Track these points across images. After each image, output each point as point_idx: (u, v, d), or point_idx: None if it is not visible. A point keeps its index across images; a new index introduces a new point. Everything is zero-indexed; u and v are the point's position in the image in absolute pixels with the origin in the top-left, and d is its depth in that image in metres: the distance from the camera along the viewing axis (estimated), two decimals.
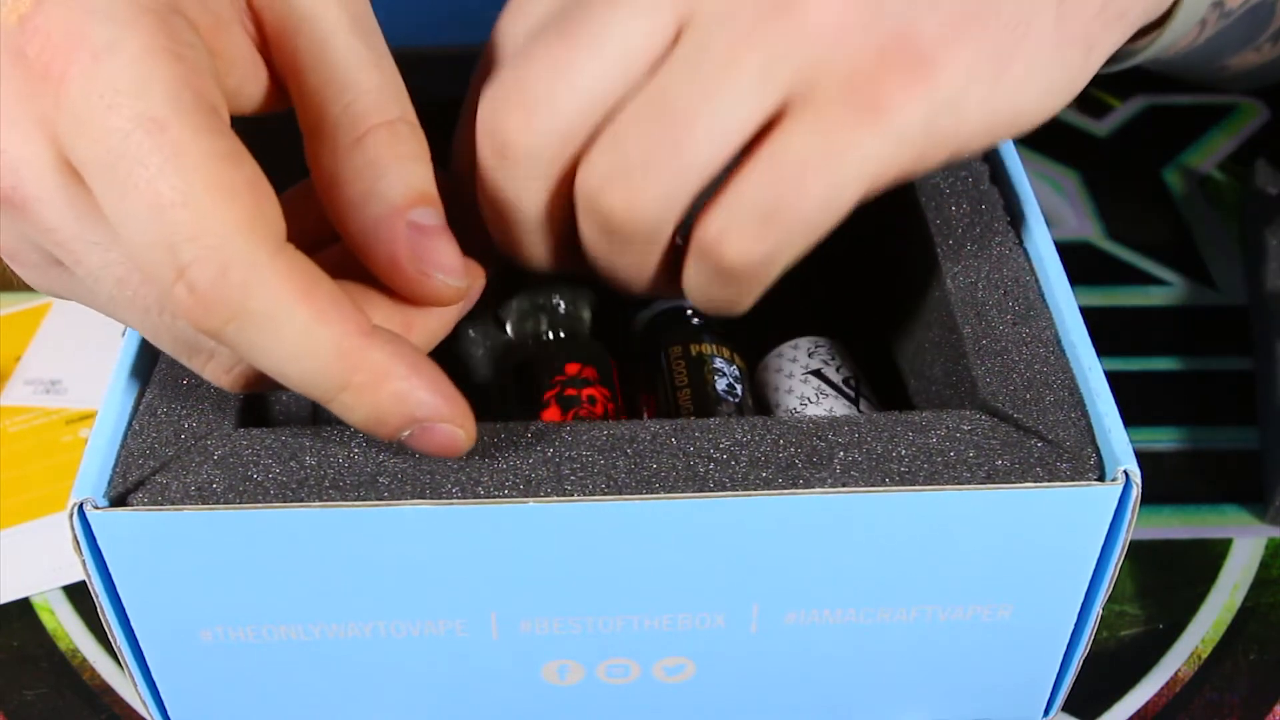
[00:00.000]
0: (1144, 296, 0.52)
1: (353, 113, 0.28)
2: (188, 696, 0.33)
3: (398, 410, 0.26)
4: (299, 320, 0.25)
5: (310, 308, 0.25)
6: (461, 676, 0.33)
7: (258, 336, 0.25)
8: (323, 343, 0.25)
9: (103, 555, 0.29)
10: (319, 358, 0.25)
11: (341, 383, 0.26)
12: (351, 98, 0.28)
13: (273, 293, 0.24)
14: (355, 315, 0.26)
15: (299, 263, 0.25)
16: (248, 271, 0.24)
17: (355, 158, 0.27)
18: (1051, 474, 0.29)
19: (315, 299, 0.25)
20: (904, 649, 0.33)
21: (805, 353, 0.40)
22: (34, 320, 0.50)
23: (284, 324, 0.25)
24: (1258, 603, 0.41)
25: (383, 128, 0.28)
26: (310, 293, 0.25)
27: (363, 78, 0.28)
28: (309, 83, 0.28)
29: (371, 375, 0.26)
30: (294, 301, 0.25)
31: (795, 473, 0.29)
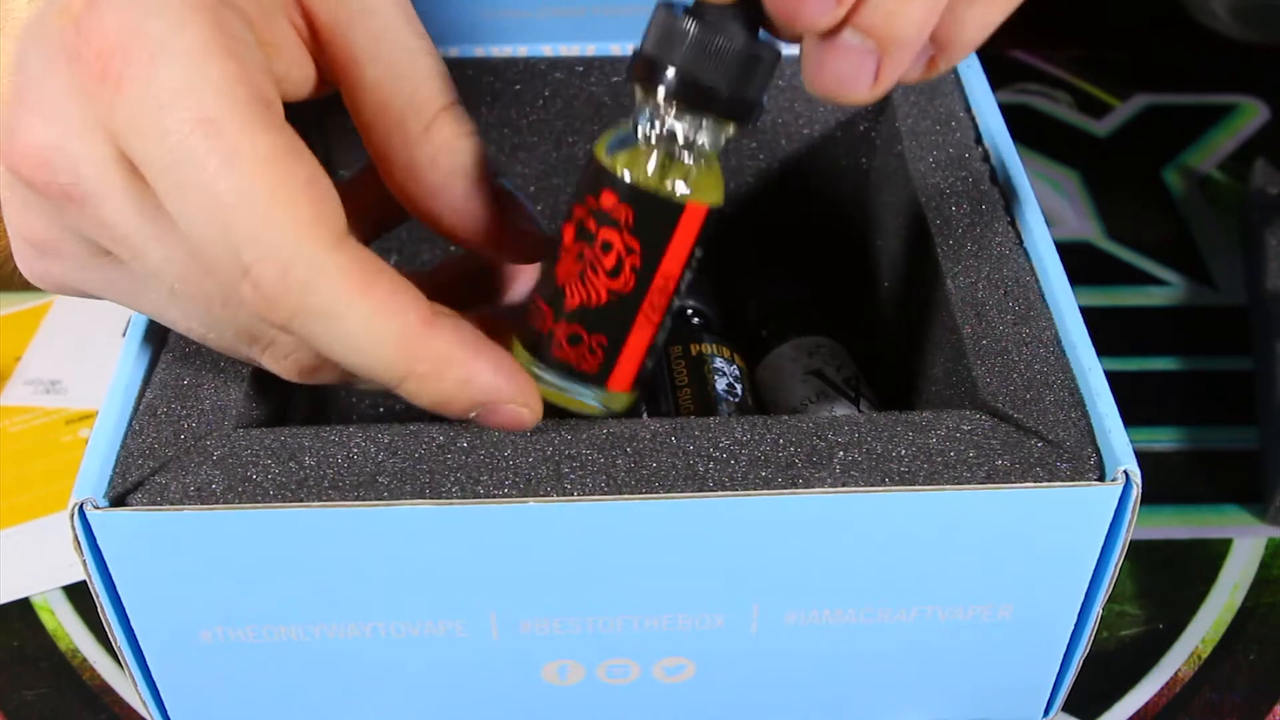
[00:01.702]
0: (1144, 296, 0.52)
1: (418, 101, 0.28)
2: (188, 696, 0.33)
3: (462, 395, 0.27)
4: (359, 314, 0.25)
5: (370, 301, 0.25)
6: (461, 677, 0.33)
7: (321, 331, 0.25)
8: (384, 335, 0.26)
9: (103, 555, 0.29)
10: (381, 350, 0.26)
11: (405, 372, 0.26)
12: (414, 87, 0.28)
13: (332, 290, 0.25)
14: (416, 305, 0.26)
15: (359, 257, 0.26)
16: (308, 270, 0.25)
17: (427, 144, 0.28)
18: (1051, 474, 0.29)
19: (374, 292, 0.25)
20: (904, 649, 0.33)
21: (805, 353, 0.41)
22: (34, 320, 0.50)
23: (345, 318, 0.25)
24: (1258, 603, 0.41)
25: (446, 111, 0.29)
26: (369, 286, 0.25)
27: (421, 67, 0.29)
28: (369, 75, 0.28)
29: (434, 364, 0.26)
30: (354, 297, 0.25)
31: (795, 473, 0.29)
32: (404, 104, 0.28)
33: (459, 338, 0.27)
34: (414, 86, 0.28)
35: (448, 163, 0.29)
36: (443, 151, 0.29)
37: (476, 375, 0.27)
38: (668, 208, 0.28)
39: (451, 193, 0.29)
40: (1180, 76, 0.63)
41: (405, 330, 0.26)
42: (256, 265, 0.25)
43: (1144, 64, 0.64)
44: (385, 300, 0.26)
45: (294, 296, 0.25)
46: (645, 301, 0.28)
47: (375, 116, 0.29)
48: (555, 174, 0.45)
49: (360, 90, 0.29)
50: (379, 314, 0.25)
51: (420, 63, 0.29)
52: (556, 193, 0.45)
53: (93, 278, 0.28)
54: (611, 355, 0.29)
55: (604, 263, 0.28)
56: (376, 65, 0.28)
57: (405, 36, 0.29)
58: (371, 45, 0.28)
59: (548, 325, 0.29)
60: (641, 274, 0.28)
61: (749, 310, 0.44)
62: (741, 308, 0.44)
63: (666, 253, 0.28)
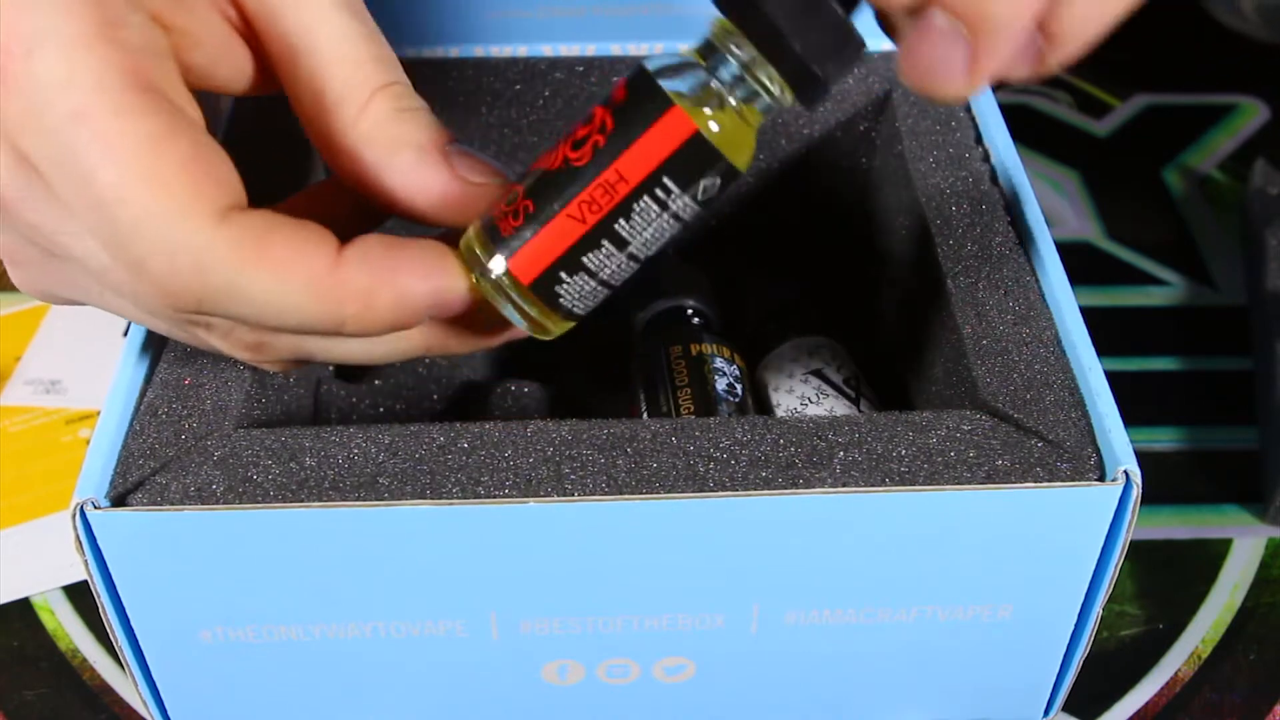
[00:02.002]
0: (1144, 296, 0.52)
1: (352, 85, 0.27)
2: (188, 696, 0.33)
3: (403, 317, 0.26)
4: (262, 280, 0.25)
5: (266, 264, 0.25)
6: (461, 677, 0.33)
7: (232, 307, 0.25)
8: (295, 291, 0.25)
9: (104, 555, 0.29)
10: (300, 305, 0.25)
11: (338, 317, 0.26)
12: (350, 71, 0.27)
13: (225, 265, 0.24)
14: (319, 250, 0.25)
15: (246, 223, 0.25)
16: (196, 253, 0.24)
17: (364, 122, 0.27)
18: (1051, 474, 0.29)
19: (269, 254, 0.25)
20: (904, 649, 0.33)
21: (805, 353, 0.41)
22: (34, 320, 0.50)
23: (248, 288, 0.25)
24: (1258, 603, 0.41)
25: (382, 90, 0.28)
26: (262, 250, 0.25)
27: (357, 51, 0.28)
28: (304, 65, 0.28)
29: (361, 298, 0.26)
30: (248, 265, 0.25)
31: (795, 473, 0.29)
32: (339, 90, 0.27)
33: (371, 264, 0.26)
34: (350, 70, 0.27)
35: (386, 136, 0.27)
36: (379, 127, 0.27)
37: (406, 289, 0.26)
38: (655, 98, 0.26)
39: (401, 164, 0.27)
40: (1180, 76, 0.63)
41: (314, 280, 0.25)
42: (148, 259, 0.24)
43: (1144, 64, 0.64)
44: (283, 258, 0.25)
45: (191, 281, 0.24)
46: (587, 189, 0.26)
47: (312, 108, 0.28)
48: None
49: (295, 83, 0.28)
50: (281, 273, 0.25)
51: (355, 48, 0.28)
52: None
53: (54, 280, 0.28)
54: (528, 227, 0.27)
55: (576, 134, 0.27)
56: (311, 56, 0.27)
57: (340, 24, 0.27)
58: (305, 36, 0.27)
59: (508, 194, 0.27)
60: (599, 154, 0.26)
61: (749, 310, 0.44)
62: (741, 308, 0.44)
63: (632, 145, 0.26)
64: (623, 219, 0.26)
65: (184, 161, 0.24)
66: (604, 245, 0.27)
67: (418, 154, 0.27)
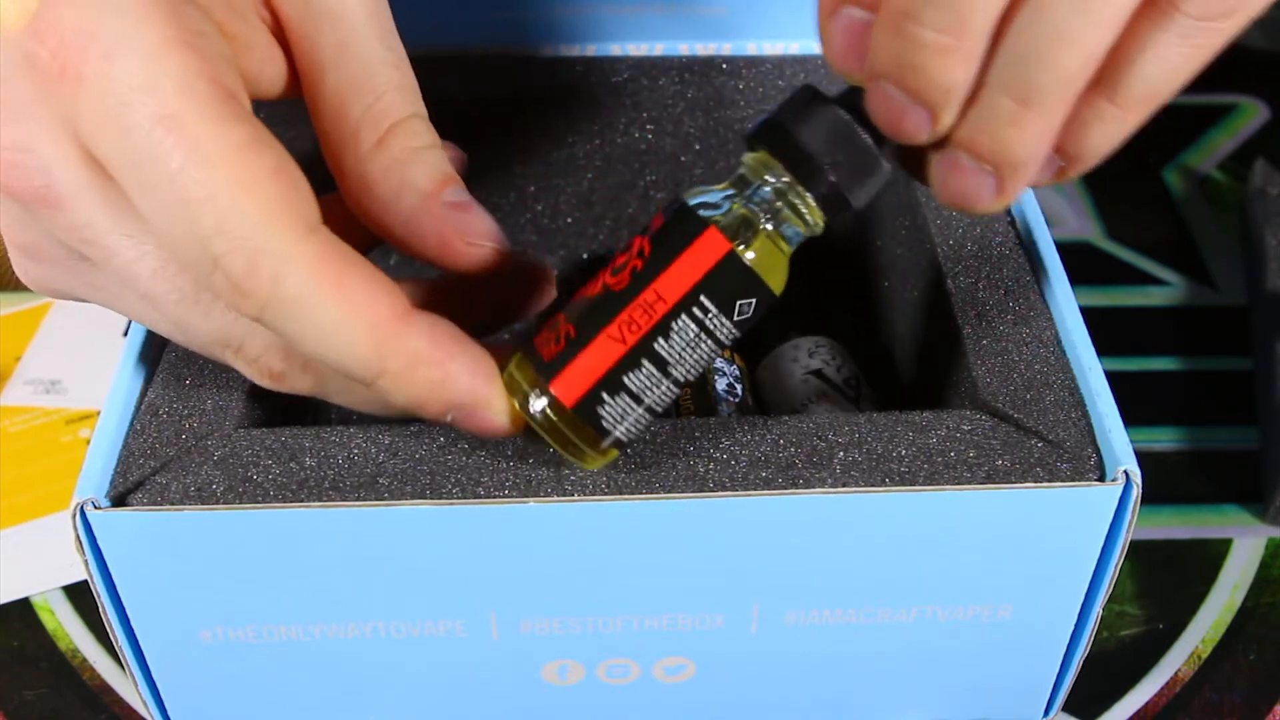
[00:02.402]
0: (1144, 296, 0.52)
1: (373, 114, 0.28)
2: (188, 696, 0.33)
3: (435, 396, 0.26)
4: (331, 305, 0.25)
5: (341, 293, 0.25)
6: (461, 677, 0.33)
7: (292, 323, 0.25)
8: (356, 327, 0.25)
9: (104, 555, 0.29)
10: (353, 342, 0.25)
11: (378, 369, 0.26)
12: (373, 99, 0.28)
13: (303, 279, 0.25)
14: (391, 300, 0.26)
15: (331, 247, 0.25)
16: (277, 260, 0.24)
17: (380, 157, 0.28)
18: (1051, 474, 0.29)
19: (346, 284, 0.25)
20: (904, 649, 0.33)
21: (805, 353, 0.41)
22: (34, 320, 0.50)
23: (316, 309, 0.25)
24: (1258, 603, 0.41)
25: (400, 125, 0.28)
26: (341, 278, 0.25)
27: (382, 79, 0.28)
28: (329, 81, 0.28)
29: (407, 361, 0.26)
30: (325, 287, 0.25)
31: (795, 473, 0.29)
32: (360, 115, 0.28)
33: (434, 336, 0.26)
34: (372, 98, 0.28)
35: (397, 178, 0.28)
36: (393, 166, 0.28)
37: (451, 376, 0.26)
38: (691, 221, 0.27)
39: (403, 207, 0.28)
40: None
41: (378, 324, 0.25)
42: (226, 257, 0.24)
43: None
44: (358, 292, 0.25)
45: (264, 286, 0.24)
46: (626, 310, 0.27)
47: (331, 125, 0.28)
48: (555, 174, 0.45)
49: (319, 96, 0.28)
50: (351, 306, 0.25)
51: (382, 75, 0.28)
52: (557, 192, 0.45)
53: (76, 281, 0.28)
54: (571, 350, 0.27)
55: (616, 261, 0.28)
56: (337, 73, 0.28)
57: (371, 46, 0.28)
58: (334, 52, 0.28)
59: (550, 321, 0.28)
60: (637, 277, 0.27)
61: None
62: None
63: (670, 266, 0.27)
64: (662, 338, 0.27)
65: (273, 171, 0.25)
66: (644, 365, 0.27)
67: (421, 201, 0.28)
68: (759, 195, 0.27)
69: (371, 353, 0.25)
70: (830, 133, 0.26)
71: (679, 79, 0.43)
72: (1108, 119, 0.26)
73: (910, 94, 0.24)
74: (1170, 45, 0.24)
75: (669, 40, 0.43)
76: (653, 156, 0.44)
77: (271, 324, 0.25)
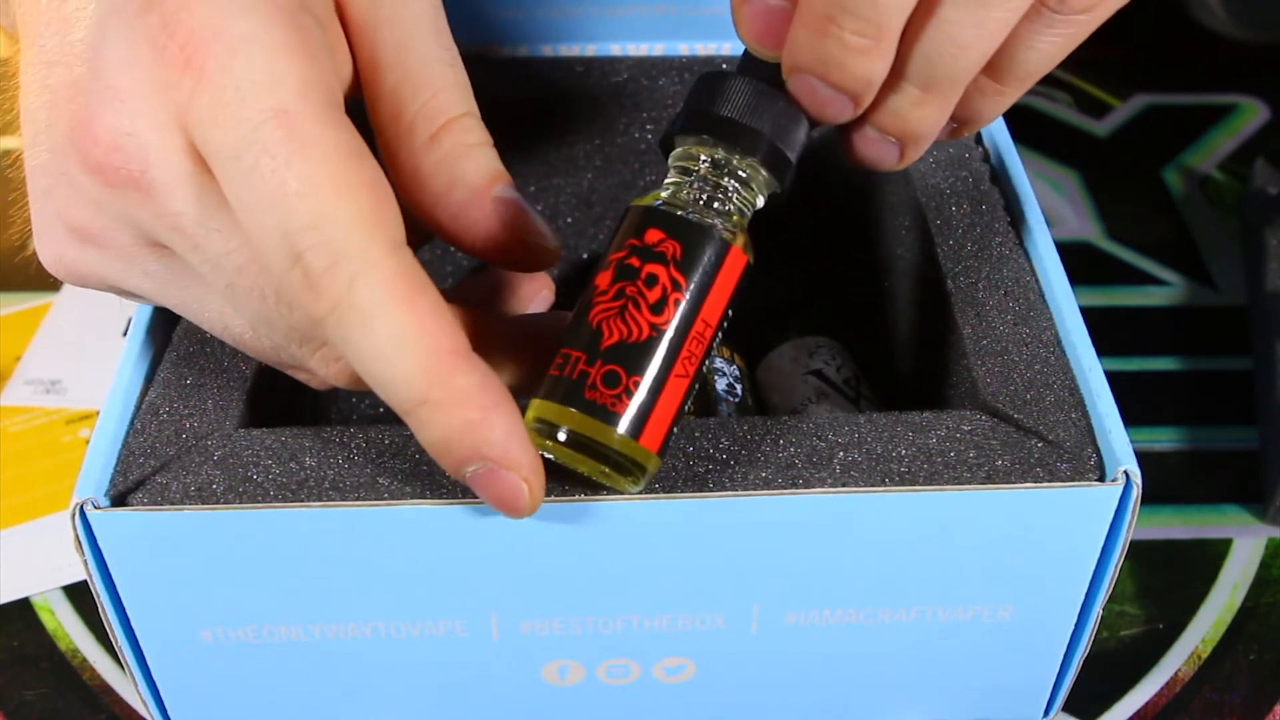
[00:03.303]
0: (1144, 296, 0.52)
1: (429, 111, 0.29)
2: (188, 696, 0.33)
3: (466, 441, 0.26)
4: (395, 322, 0.25)
5: (409, 312, 0.25)
6: (462, 677, 0.33)
7: (354, 330, 0.25)
8: (412, 350, 0.25)
9: (103, 555, 0.29)
10: (405, 364, 0.25)
11: (421, 395, 0.26)
12: (428, 96, 0.29)
13: (376, 290, 0.25)
14: (453, 334, 0.26)
15: (410, 268, 0.25)
16: (358, 265, 0.25)
17: (433, 152, 0.29)
18: (1051, 474, 0.29)
19: (416, 306, 0.25)
20: (904, 649, 0.33)
21: (805, 353, 0.41)
22: (34, 320, 0.50)
23: (380, 322, 0.25)
24: (1258, 603, 0.41)
25: (454, 122, 0.29)
26: (412, 299, 0.25)
27: (438, 77, 0.29)
28: (387, 80, 0.29)
29: (451, 396, 0.26)
30: (395, 303, 0.25)
31: (795, 473, 0.29)
32: (415, 111, 0.29)
33: (485, 382, 0.26)
34: (429, 95, 0.29)
35: (450, 172, 0.29)
36: (446, 160, 0.29)
37: (486, 425, 0.26)
38: (718, 244, 0.28)
39: (452, 201, 0.29)
40: (1180, 76, 0.63)
41: (435, 352, 0.25)
42: (309, 252, 0.25)
43: (1144, 64, 0.64)
44: (426, 316, 0.25)
45: (339, 287, 0.25)
46: (685, 346, 0.27)
47: (388, 121, 0.29)
48: (555, 174, 0.45)
49: (378, 95, 0.29)
50: (415, 327, 0.25)
51: (438, 73, 0.29)
52: (557, 192, 0.45)
53: (133, 270, 0.28)
54: (648, 402, 0.27)
55: (648, 297, 0.27)
56: (395, 71, 0.29)
57: (428, 45, 0.29)
58: (394, 51, 0.29)
59: (579, 368, 0.27)
60: (685, 311, 0.27)
61: (749, 310, 0.44)
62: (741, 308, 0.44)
63: (710, 292, 0.28)
64: (708, 359, 0.28)
65: (370, 182, 0.25)
66: (696, 386, 0.28)
67: (472, 196, 0.29)
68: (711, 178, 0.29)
69: (421, 377, 0.25)
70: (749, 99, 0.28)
71: (679, 79, 0.43)
72: (991, 94, 0.30)
73: (834, 86, 0.28)
74: (1044, 37, 0.28)
75: (669, 40, 0.43)
76: (653, 156, 0.44)
77: (335, 327, 0.25)
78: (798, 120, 0.29)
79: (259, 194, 0.25)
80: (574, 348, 0.27)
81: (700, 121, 0.29)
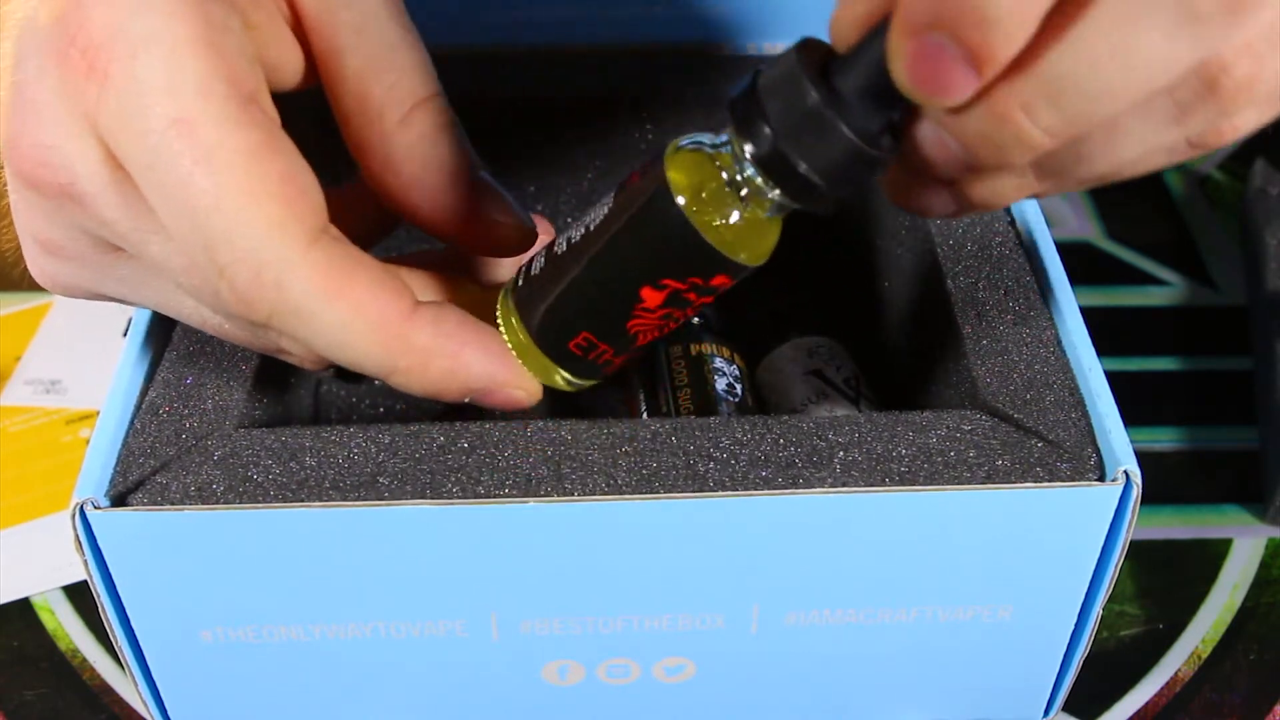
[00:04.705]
0: (1144, 296, 0.52)
1: (397, 94, 0.28)
2: (188, 696, 0.33)
3: (451, 384, 0.27)
4: (335, 312, 0.25)
5: (345, 301, 0.25)
6: (462, 677, 0.33)
7: (299, 329, 0.25)
8: (362, 331, 0.26)
9: (103, 555, 0.29)
10: (361, 345, 0.26)
11: (389, 366, 0.26)
12: (395, 78, 0.28)
13: (306, 288, 0.25)
14: (396, 299, 0.26)
15: (335, 253, 0.25)
16: (280, 270, 0.25)
17: (405, 134, 0.28)
18: (1051, 474, 0.29)
19: (350, 290, 0.25)
20: (904, 649, 0.33)
21: (805, 353, 0.41)
22: (34, 320, 0.50)
23: (320, 316, 0.25)
24: (1258, 603, 0.41)
25: (424, 104, 0.29)
26: (345, 284, 0.25)
27: (402, 58, 0.28)
28: (350, 65, 0.28)
29: (418, 357, 0.26)
30: (327, 295, 0.25)
31: (795, 473, 0.29)
32: (382, 95, 0.28)
33: (442, 329, 0.27)
34: (394, 78, 0.28)
35: (423, 154, 0.28)
36: (420, 143, 0.28)
37: (464, 364, 0.27)
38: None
39: (427, 185, 0.29)
40: None
41: (384, 326, 0.26)
42: (231, 266, 0.25)
43: None
44: (361, 295, 0.25)
45: (269, 296, 0.25)
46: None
47: (354, 108, 0.28)
48: (555, 174, 0.45)
49: (340, 81, 0.28)
50: (355, 311, 0.25)
51: (401, 55, 0.28)
52: (557, 192, 0.45)
53: (100, 276, 0.28)
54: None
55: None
56: (357, 55, 0.28)
57: (388, 28, 0.28)
58: (353, 36, 0.28)
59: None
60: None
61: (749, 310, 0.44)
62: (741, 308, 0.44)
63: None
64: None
65: (281, 178, 0.25)
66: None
67: (447, 178, 0.29)
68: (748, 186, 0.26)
69: (381, 352, 0.26)
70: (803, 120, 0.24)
71: (679, 79, 0.43)
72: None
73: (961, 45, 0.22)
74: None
75: (670, 40, 0.43)
76: None
77: (281, 330, 0.26)
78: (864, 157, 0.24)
79: (172, 207, 0.24)
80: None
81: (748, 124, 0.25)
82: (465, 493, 0.29)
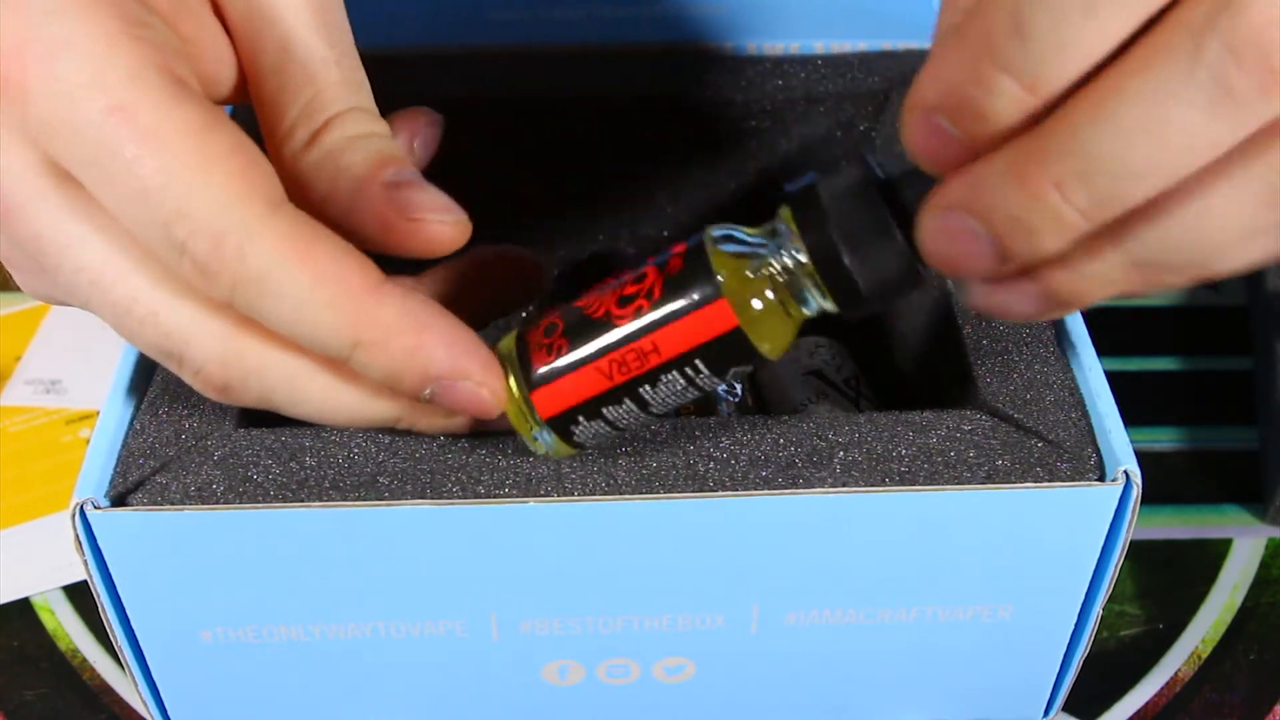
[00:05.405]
0: (1144, 296, 0.52)
1: (309, 111, 0.27)
2: (188, 696, 0.33)
3: (412, 367, 0.26)
4: (299, 280, 0.25)
5: (310, 265, 0.25)
6: (462, 677, 0.33)
7: (262, 300, 0.25)
8: (325, 300, 0.25)
9: (103, 555, 0.29)
10: (324, 314, 0.25)
11: (351, 340, 0.25)
12: (309, 96, 0.27)
13: (269, 254, 0.24)
14: (362, 271, 0.25)
15: (296, 221, 0.25)
16: (241, 237, 0.24)
17: (313, 152, 0.27)
18: (1051, 474, 0.29)
19: (314, 257, 0.25)
20: (904, 649, 0.33)
21: (805, 353, 0.40)
22: (34, 320, 0.50)
23: (284, 284, 0.25)
24: (1258, 603, 0.41)
25: (338, 117, 0.27)
26: (309, 252, 0.25)
27: (321, 76, 0.28)
28: (269, 85, 0.28)
29: (381, 331, 0.25)
30: (292, 262, 0.25)
31: (795, 473, 0.29)
32: (296, 114, 0.27)
33: (407, 307, 0.26)
34: (310, 96, 0.27)
35: (334, 166, 0.27)
36: (330, 156, 0.27)
37: (427, 346, 0.26)
38: (707, 283, 0.26)
39: (340, 197, 0.27)
40: None
41: (348, 295, 0.25)
42: (190, 239, 0.24)
43: None
44: (327, 263, 0.25)
45: (231, 265, 0.24)
46: (620, 350, 0.27)
47: (271, 125, 0.28)
48: (554, 173, 0.45)
49: (261, 102, 0.28)
50: (320, 278, 0.25)
51: (321, 73, 0.28)
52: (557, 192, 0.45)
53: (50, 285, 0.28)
54: (560, 367, 0.27)
55: (626, 288, 0.27)
56: (277, 75, 0.27)
57: (311, 46, 0.28)
58: (275, 55, 0.27)
59: (550, 313, 0.28)
60: (640, 320, 0.26)
61: None
62: None
63: (674, 324, 0.26)
64: (649, 385, 0.27)
65: (230, 150, 0.25)
66: (625, 403, 0.27)
67: (358, 186, 0.27)
68: (782, 257, 0.26)
69: (344, 321, 0.25)
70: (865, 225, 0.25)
71: (679, 79, 0.43)
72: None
73: (1004, 248, 0.23)
74: None
75: (670, 40, 0.43)
76: None
77: (243, 303, 0.25)
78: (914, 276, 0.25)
79: (123, 194, 0.24)
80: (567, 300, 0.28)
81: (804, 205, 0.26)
82: (465, 493, 0.29)
